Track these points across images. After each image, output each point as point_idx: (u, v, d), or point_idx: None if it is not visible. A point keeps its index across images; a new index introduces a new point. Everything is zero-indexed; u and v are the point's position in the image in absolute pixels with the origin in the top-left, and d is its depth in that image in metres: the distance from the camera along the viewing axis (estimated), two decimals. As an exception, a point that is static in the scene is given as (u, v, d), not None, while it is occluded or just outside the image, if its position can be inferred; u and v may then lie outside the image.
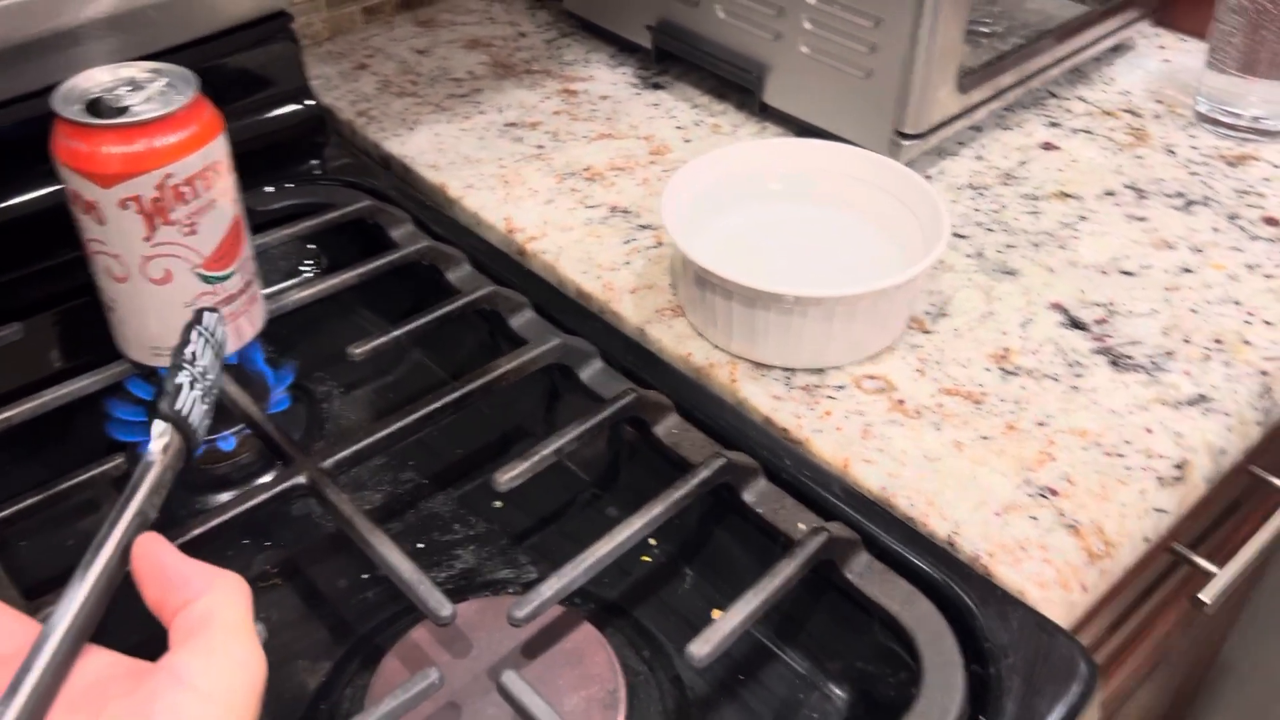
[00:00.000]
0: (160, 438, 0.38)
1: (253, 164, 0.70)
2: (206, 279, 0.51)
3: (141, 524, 0.35)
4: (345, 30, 0.87)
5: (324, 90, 0.79)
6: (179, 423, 0.39)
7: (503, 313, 0.59)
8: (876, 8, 0.65)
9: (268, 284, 0.68)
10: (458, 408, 0.53)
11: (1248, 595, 0.98)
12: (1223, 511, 0.74)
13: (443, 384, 0.65)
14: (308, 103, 0.73)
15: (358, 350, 0.55)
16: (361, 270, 0.60)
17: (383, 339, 0.55)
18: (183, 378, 0.40)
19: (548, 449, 0.49)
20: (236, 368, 0.62)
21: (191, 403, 0.40)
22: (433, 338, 0.64)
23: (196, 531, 0.45)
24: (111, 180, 0.46)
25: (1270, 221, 0.66)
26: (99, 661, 0.30)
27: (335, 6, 0.85)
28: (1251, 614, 1.01)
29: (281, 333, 0.66)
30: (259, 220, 0.68)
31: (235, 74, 0.70)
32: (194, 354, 0.41)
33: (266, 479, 0.56)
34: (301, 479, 0.48)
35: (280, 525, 0.55)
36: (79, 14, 0.60)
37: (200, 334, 0.42)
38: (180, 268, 0.50)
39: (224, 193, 0.51)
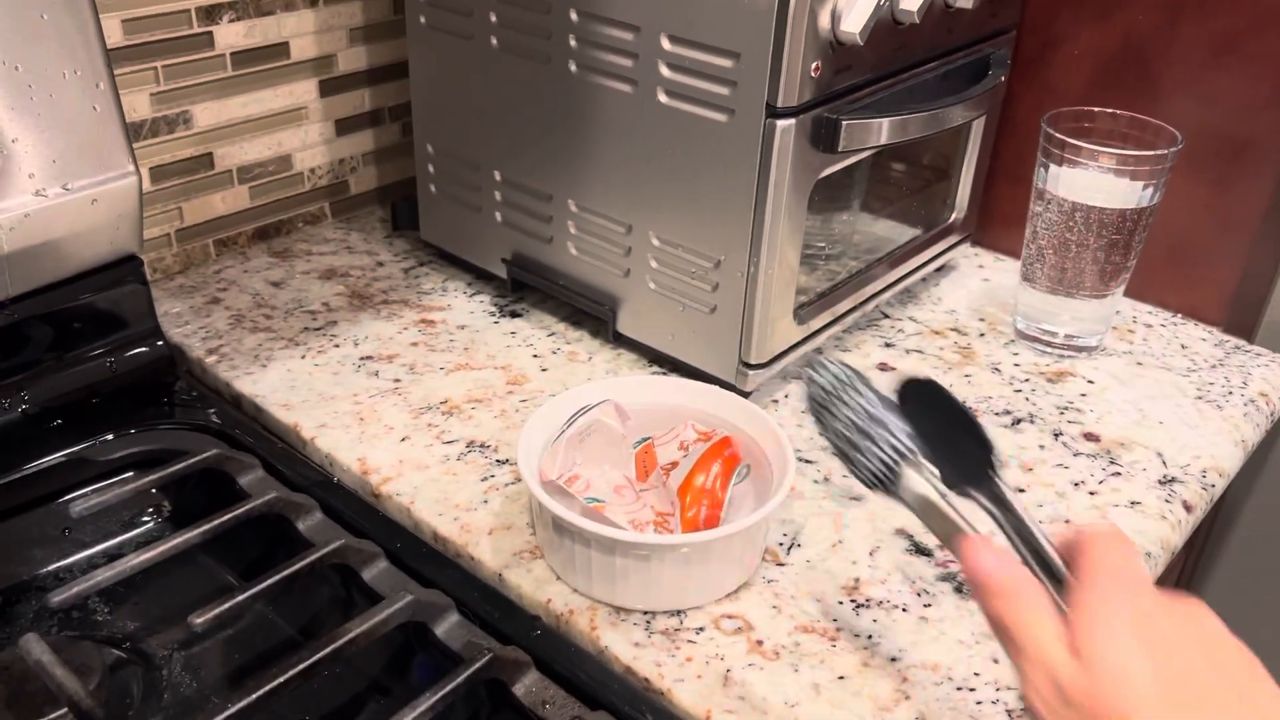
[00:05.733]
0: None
1: (100, 410, 0.69)
2: None
3: None
4: (198, 263, 0.87)
5: (174, 326, 0.79)
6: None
7: (354, 566, 0.58)
8: (716, 250, 0.69)
9: (107, 538, 0.66)
10: (305, 677, 0.50)
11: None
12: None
13: (291, 641, 0.62)
14: (157, 344, 0.73)
15: (199, 620, 0.52)
16: (206, 527, 0.58)
17: (226, 605, 0.53)
18: None
19: (402, 722, 0.47)
20: (58, 637, 0.58)
21: None
22: (282, 593, 0.62)
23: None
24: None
25: (1089, 437, 0.71)
26: None
27: (187, 240, 0.85)
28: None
29: (119, 590, 0.63)
30: (100, 470, 0.66)
31: (84, 318, 0.70)
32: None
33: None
34: (130, 777, 0.45)
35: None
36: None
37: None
38: None
39: None
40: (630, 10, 0.66)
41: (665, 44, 0.65)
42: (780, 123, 0.63)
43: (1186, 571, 0.92)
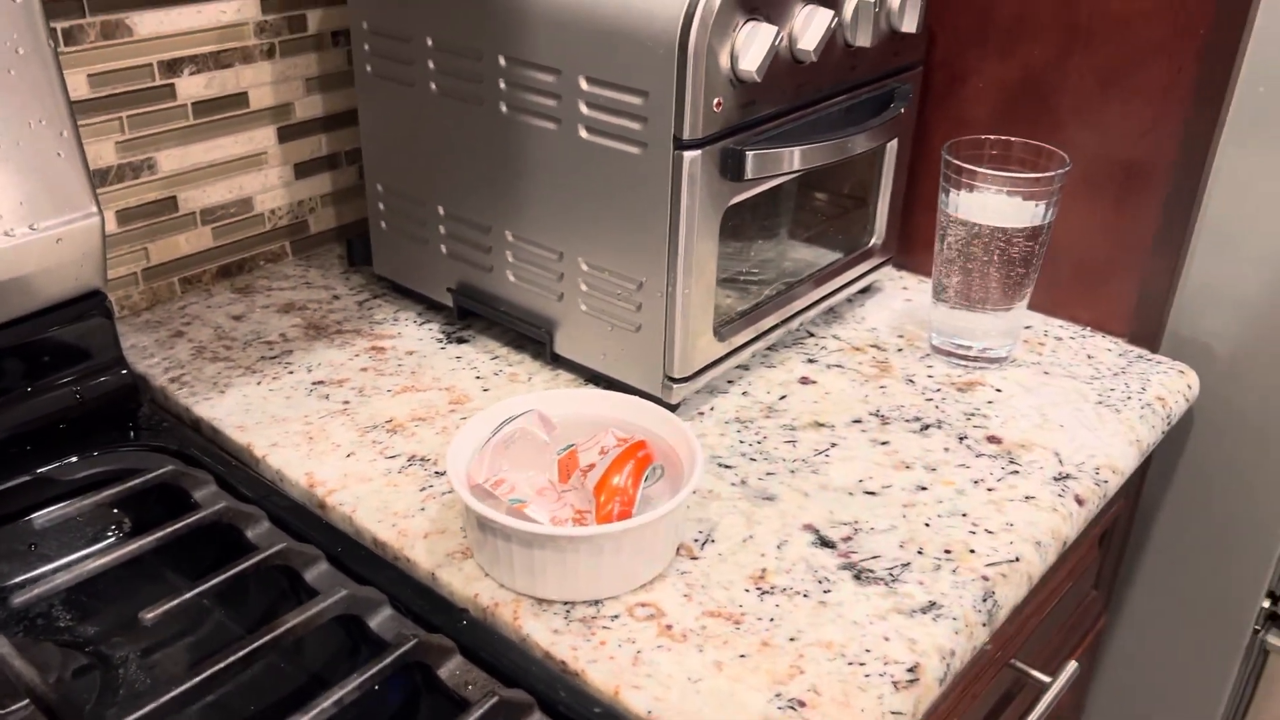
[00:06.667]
0: None
1: (66, 435, 0.74)
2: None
3: None
4: (164, 300, 0.92)
5: (139, 359, 0.84)
6: None
7: (297, 567, 0.62)
8: (637, 273, 0.74)
9: (71, 551, 0.70)
10: (246, 664, 0.55)
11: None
12: (996, 704, 0.80)
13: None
14: (121, 373, 0.77)
15: (149, 615, 0.57)
16: (159, 534, 0.63)
17: (175, 601, 0.58)
18: None
19: (327, 701, 0.51)
20: (22, 639, 0.63)
21: None
22: (234, 597, 0.66)
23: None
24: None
25: (992, 440, 0.76)
26: None
27: (153, 278, 0.91)
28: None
29: (82, 600, 0.67)
30: (62, 490, 0.70)
31: (52, 349, 0.74)
32: None
33: (48, 753, 0.56)
34: (80, 751, 0.49)
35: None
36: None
37: None
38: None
39: None
40: (551, 54, 0.72)
41: (583, 84, 0.71)
42: (688, 154, 0.69)
43: (1107, 571, 0.96)
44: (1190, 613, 0.98)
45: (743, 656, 0.57)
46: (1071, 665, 0.79)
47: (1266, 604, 0.93)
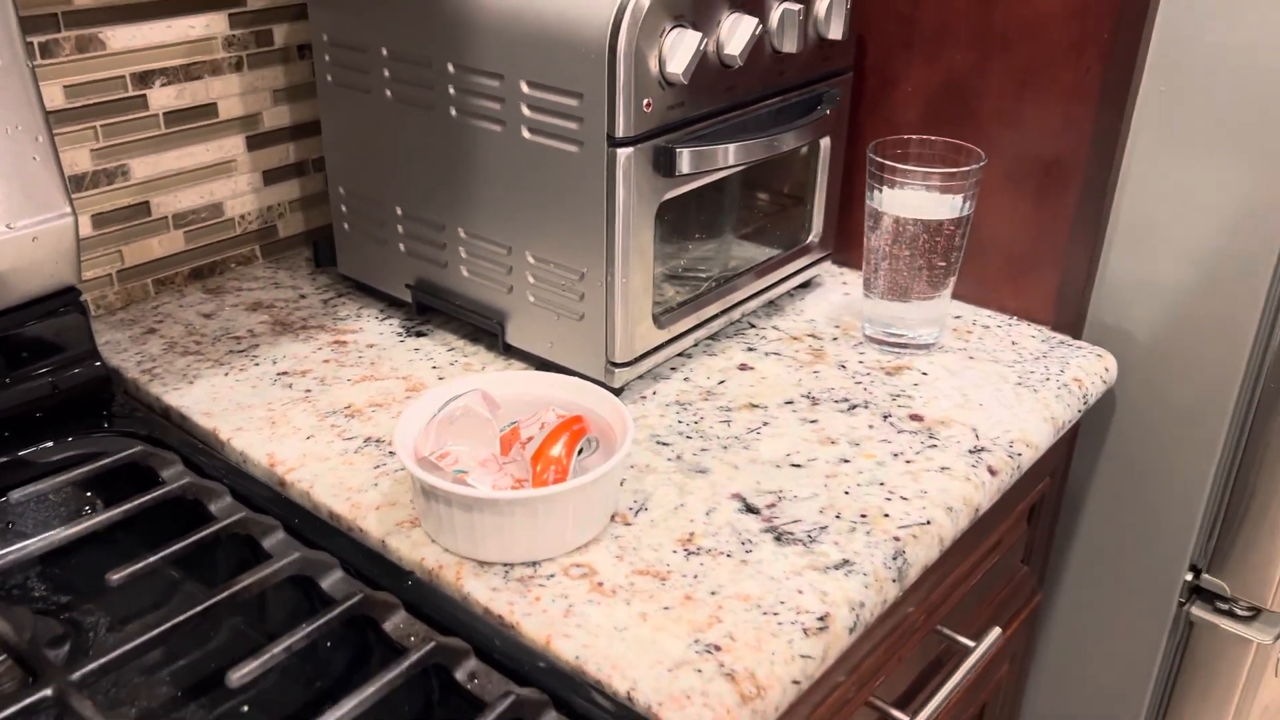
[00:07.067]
0: None
1: (42, 423, 0.78)
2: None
3: None
4: (138, 300, 0.97)
5: (113, 353, 0.88)
6: None
7: (255, 536, 0.67)
8: (579, 264, 0.79)
9: (45, 530, 0.75)
10: (204, 619, 0.59)
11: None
12: (926, 670, 0.85)
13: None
14: (95, 365, 0.82)
15: (115, 576, 0.61)
16: (126, 507, 0.68)
17: (140, 565, 0.62)
18: None
19: (278, 647, 0.56)
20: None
21: None
22: (201, 570, 0.71)
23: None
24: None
25: (914, 418, 0.81)
26: None
27: (128, 280, 0.96)
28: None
29: (56, 573, 0.72)
30: (38, 472, 0.75)
31: (27, 343, 0.79)
32: None
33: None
34: (48, 691, 0.53)
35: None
36: None
37: None
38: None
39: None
40: (494, 60, 0.77)
41: (524, 88, 0.76)
42: (621, 151, 0.74)
43: (1039, 547, 1.01)
44: (1120, 588, 1.02)
45: (666, 609, 0.62)
46: (994, 631, 0.83)
47: (1189, 577, 0.98)
